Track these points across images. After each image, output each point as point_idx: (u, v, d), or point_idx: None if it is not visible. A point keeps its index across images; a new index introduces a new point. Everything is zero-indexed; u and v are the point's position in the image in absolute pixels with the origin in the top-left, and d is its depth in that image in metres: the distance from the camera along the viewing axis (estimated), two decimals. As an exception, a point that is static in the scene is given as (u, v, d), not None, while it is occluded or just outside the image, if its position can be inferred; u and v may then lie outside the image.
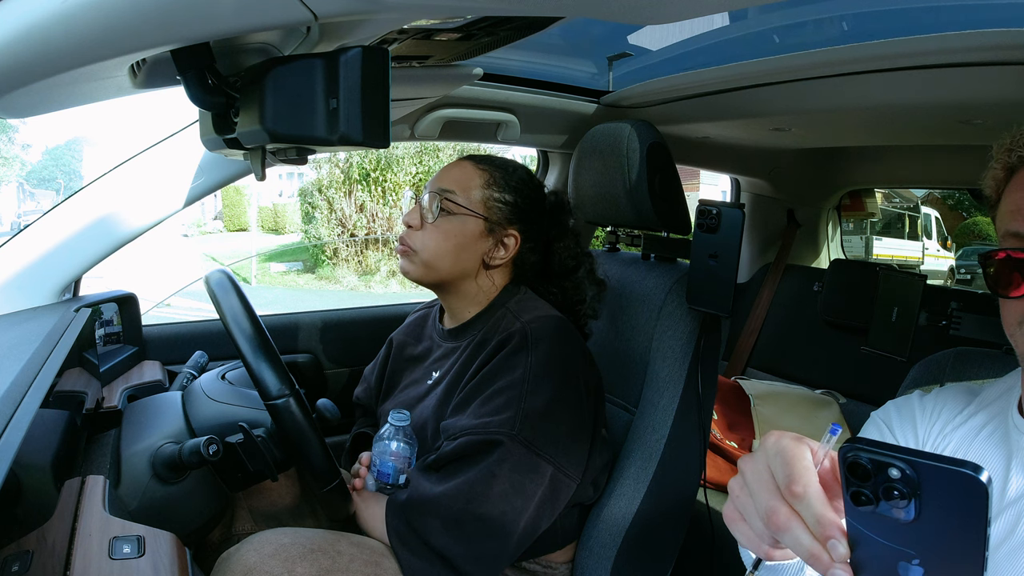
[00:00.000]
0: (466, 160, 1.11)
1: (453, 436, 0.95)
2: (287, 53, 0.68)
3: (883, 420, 0.78)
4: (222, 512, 0.99)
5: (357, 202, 9.93)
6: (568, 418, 0.98)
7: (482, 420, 0.93)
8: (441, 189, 1.07)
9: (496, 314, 1.07)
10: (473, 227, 1.06)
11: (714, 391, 1.21)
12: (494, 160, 1.12)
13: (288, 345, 1.55)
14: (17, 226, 12.77)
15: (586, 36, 1.51)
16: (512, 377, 0.96)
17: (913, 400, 0.78)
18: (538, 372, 0.95)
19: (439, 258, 1.06)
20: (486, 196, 1.07)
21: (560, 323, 1.04)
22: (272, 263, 10.97)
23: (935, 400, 0.76)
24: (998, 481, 0.66)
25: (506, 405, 0.93)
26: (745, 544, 0.47)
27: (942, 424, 0.73)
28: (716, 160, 2.02)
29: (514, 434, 0.92)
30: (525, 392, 0.94)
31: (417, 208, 1.08)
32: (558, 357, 0.98)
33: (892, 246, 8.99)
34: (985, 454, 0.67)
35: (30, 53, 0.55)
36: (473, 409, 0.96)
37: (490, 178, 1.08)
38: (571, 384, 0.98)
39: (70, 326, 0.95)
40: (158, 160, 1.19)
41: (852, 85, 1.12)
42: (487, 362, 0.99)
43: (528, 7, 0.60)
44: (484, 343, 1.03)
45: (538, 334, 0.99)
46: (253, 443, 0.93)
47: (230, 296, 0.92)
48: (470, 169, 1.09)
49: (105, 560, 0.68)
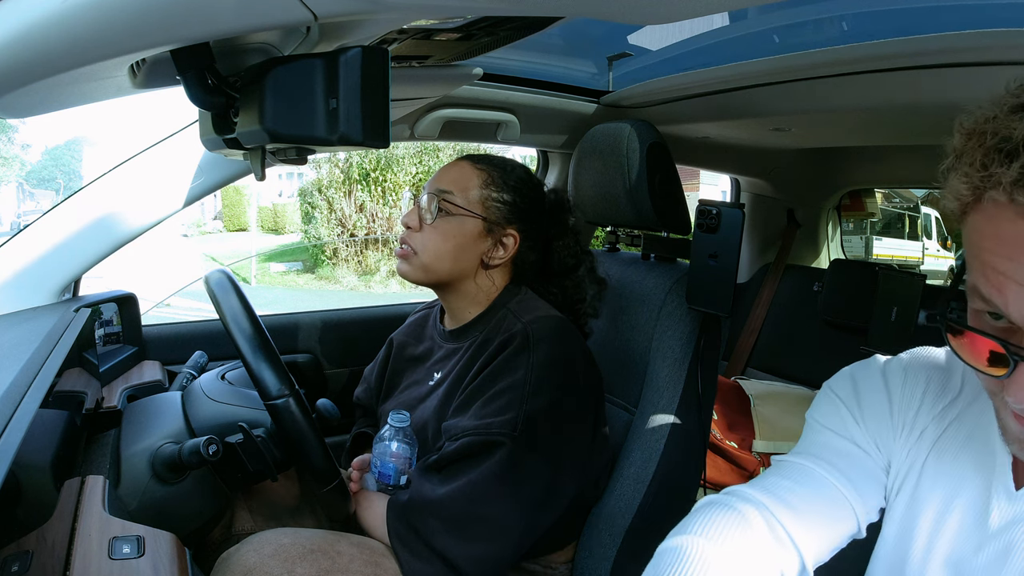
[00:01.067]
0: (464, 160, 1.11)
1: (455, 437, 0.95)
2: (287, 53, 0.68)
3: (837, 393, 0.68)
4: (222, 512, 0.99)
5: (357, 202, 9.93)
6: (569, 419, 0.97)
7: (484, 421, 0.93)
8: (439, 190, 1.07)
9: (497, 315, 1.07)
10: (472, 227, 1.06)
11: (714, 391, 1.21)
12: (492, 159, 1.12)
13: (288, 345, 1.55)
14: (17, 226, 12.77)
15: (586, 36, 1.51)
16: (514, 378, 0.95)
17: (875, 369, 0.68)
18: (540, 373, 0.95)
19: (438, 259, 1.06)
20: (484, 196, 1.07)
21: (561, 323, 1.03)
22: (272, 263, 10.97)
23: (905, 375, 0.65)
24: (977, 509, 0.59)
25: (508, 406, 0.93)
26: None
27: (916, 408, 0.64)
28: (716, 160, 2.02)
29: (516, 435, 0.92)
30: (527, 393, 0.94)
31: (415, 209, 1.07)
32: (559, 358, 0.98)
33: (892, 246, 8.98)
34: (963, 477, 0.60)
35: (30, 53, 0.55)
36: (475, 410, 0.96)
37: (488, 177, 1.08)
38: (572, 385, 0.98)
39: (70, 326, 0.95)
40: (158, 160, 1.19)
41: (852, 85, 1.12)
42: (488, 363, 0.99)
43: (528, 7, 0.60)
44: (486, 344, 1.03)
45: (539, 335, 0.99)
46: (253, 443, 0.93)
47: (230, 296, 0.92)
48: (468, 169, 1.09)
49: (105, 560, 0.68)
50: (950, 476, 0.61)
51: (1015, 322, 0.46)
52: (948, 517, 0.60)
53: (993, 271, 0.46)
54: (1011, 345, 0.47)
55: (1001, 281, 0.46)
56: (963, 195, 0.48)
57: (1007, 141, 0.44)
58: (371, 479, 1.05)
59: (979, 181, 0.46)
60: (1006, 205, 0.45)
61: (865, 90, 1.13)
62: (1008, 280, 0.45)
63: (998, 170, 0.44)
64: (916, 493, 0.63)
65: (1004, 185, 0.44)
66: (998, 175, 0.44)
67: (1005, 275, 0.45)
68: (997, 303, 0.46)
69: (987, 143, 0.46)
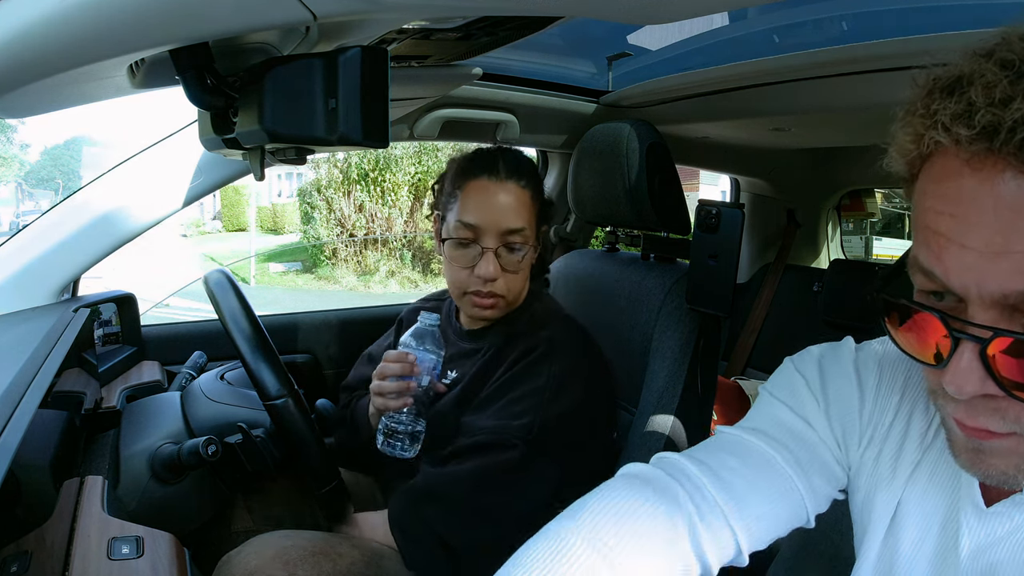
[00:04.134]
0: (511, 183, 1.00)
1: (469, 434, 0.96)
2: (286, 53, 0.67)
3: (801, 372, 0.61)
4: (221, 513, 1.00)
5: (356, 202, 9.93)
6: (584, 428, 0.98)
7: (500, 422, 0.94)
8: (515, 231, 0.99)
9: (521, 318, 1.06)
10: (534, 248, 1.04)
11: (714, 391, 1.21)
12: (523, 167, 1.03)
13: (287, 345, 1.55)
14: (16, 226, 12.75)
15: (585, 36, 1.51)
16: (535, 384, 0.96)
17: (846, 359, 0.60)
18: (560, 382, 0.96)
19: (520, 292, 1.04)
20: (537, 212, 1.03)
21: (582, 332, 1.04)
22: (271, 263, 10.97)
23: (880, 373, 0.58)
24: (947, 536, 0.51)
25: (525, 411, 0.94)
26: None
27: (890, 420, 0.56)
28: (716, 160, 2.02)
29: (530, 439, 0.92)
30: (545, 400, 0.94)
31: (496, 262, 0.99)
32: (581, 368, 0.98)
33: (892, 246, 8.96)
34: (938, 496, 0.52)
35: (28, 53, 0.55)
36: (493, 412, 0.96)
37: (534, 193, 1.02)
38: (590, 395, 0.99)
39: (69, 326, 0.95)
40: (157, 160, 1.19)
41: (852, 85, 1.12)
42: (510, 368, 0.99)
43: (528, 7, 0.60)
44: (508, 348, 1.02)
45: (563, 344, 0.99)
46: (252, 443, 0.93)
47: (229, 296, 0.92)
48: (523, 196, 1.01)
49: (104, 561, 0.68)
50: (925, 496, 0.53)
51: (955, 291, 0.40)
52: (924, 546, 0.53)
53: (934, 234, 0.40)
54: (951, 318, 0.40)
55: (941, 244, 0.39)
56: (907, 148, 0.43)
57: (951, 79, 0.39)
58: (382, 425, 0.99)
59: (921, 126, 0.41)
60: (951, 156, 0.39)
61: (865, 90, 1.13)
62: (949, 243, 0.39)
63: (939, 106, 0.39)
64: (893, 524, 0.55)
65: (944, 122, 0.38)
66: (939, 112, 0.39)
67: (946, 236, 0.39)
68: (937, 271, 0.40)
69: (932, 87, 0.40)
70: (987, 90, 0.36)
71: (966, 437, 0.43)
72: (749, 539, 0.54)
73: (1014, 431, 0.41)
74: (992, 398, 0.40)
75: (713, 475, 0.55)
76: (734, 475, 0.55)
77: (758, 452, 0.57)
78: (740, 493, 0.54)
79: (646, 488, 0.54)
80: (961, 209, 0.38)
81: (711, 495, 0.54)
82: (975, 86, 0.37)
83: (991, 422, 0.41)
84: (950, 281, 0.40)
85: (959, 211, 0.38)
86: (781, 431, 0.58)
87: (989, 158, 0.37)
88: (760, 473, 0.56)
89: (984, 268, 0.37)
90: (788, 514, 0.56)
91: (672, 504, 0.53)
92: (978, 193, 0.37)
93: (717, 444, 0.59)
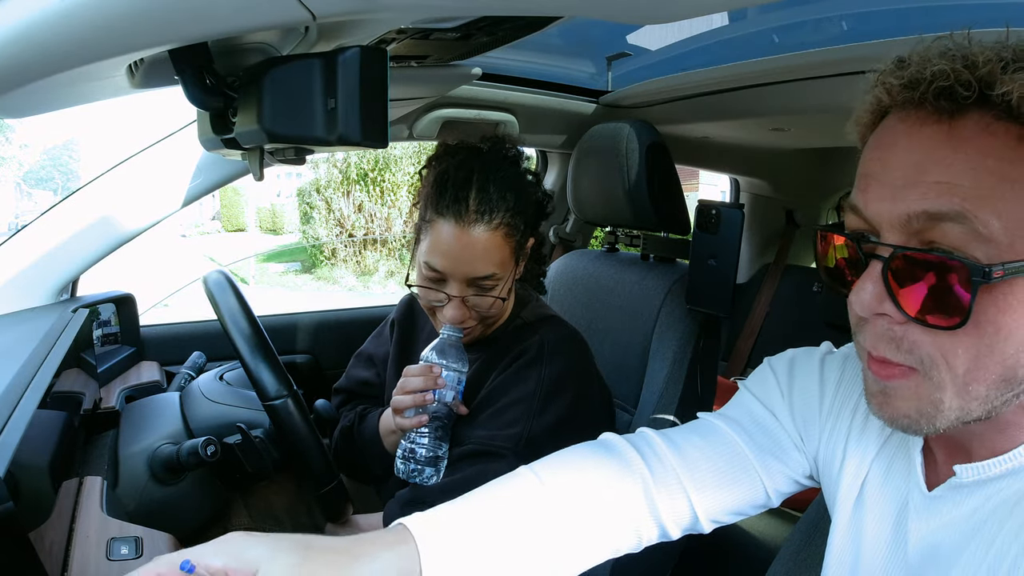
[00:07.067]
0: (479, 227, 0.90)
1: (461, 443, 0.95)
2: (285, 53, 0.67)
3: (773, 368, 0.67)
4: (220, 513, 0.99)
5: (355, 202, 9.93)
6: (574, 436, 0.97)
7: (489, 432, 0.93)
8: (485, 276, 0.92)
9: (512, 323, 1.05)
10: (512, 274, 0.99)
11: (714, 391, 1.21)
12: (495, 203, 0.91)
13: (286, 346, 1.55)
14: (15, 226, 12.73)
15: (585, 36, 1.51)
16: (525, 390, 0.94)
17: (815, 358, 0.65)
18: (550, 388, 0.94)
19: (501, 313, 1.01)
20: (514, 247, 0.96)
21: (574, 337, 1.03)
22: (270, 263, 10.96)
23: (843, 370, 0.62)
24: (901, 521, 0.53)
25: (514, 420, 0.93)
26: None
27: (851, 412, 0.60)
28: (716, 160, 2.02)
29: (518, 450, 0.91)
30: (535, 409, 0.93)
31: (461, 307, 0.94)
32: (572, 374, 0.97)
33: (891, 246, 8.98)
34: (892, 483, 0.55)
35: (27, 53, 0.54)
36: (482, 420, 0.95)
37: (511, 227, 0.93)
38: (582, 400, 0.98)
39: (68, 326, 0.95)
40: (156, 160, 1.19)
41: (852, 85, 1.11)
42: (500, 373, 0.98)
43: (528, 7, 0.60)
44: (500, 354, 1.01)
45: (554, 349, 0.98)
46: (251, 444, 0.93)
47: (228, 296, 0.92)
48: (494, 238, 0.92)
49: (103, 561, 0.68)
50: (884, 483, 0.56)
51: (871, 220, 0.45)
52: (882, 531, 0.55)
53: (863, 176, 0.45)
54: (864, 241, 0.45)
55: (867, 183, 0.45)
56: (860, 116, 0.49)
57: (901, 58, 0.45)
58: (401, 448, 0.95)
59: (872, 97, 0.46)
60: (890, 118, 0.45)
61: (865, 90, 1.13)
62: (872, 180, 0.44)
63: (887, 76, 0.45)
64: (856, 511, 0.58)
65: (886, 82, 0.44)
66: (884, 73, 0.45)
67: (872, 176, 0.45)
68: (859, 204, 0.45)
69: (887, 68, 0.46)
70: (921, 60, 0.43)
71: (874, 379, 0.47)
72: (705, 505, 0.61)
73: (912, 365, 0.44)
74: (890, 324, 0.44)
75: (675, 447, 0.63)
76: (696, 449, 0.63)
77: (722, 434, 0.64)
78: (696, 462, 0.62)
79: (602, 448, 0.63)
80: (886, 153, 0.44)
81: (670, 462, 0.62)
82: (914, 58, 0.44)
83: (888, 350, 0.45)
84: (868, 210, 0.45)
85: (885, 154, 0.44)
86: (748, 419, 0.65)
87: (912, 110, 0.43)
88: (719, 450, 0.63)
89: (895, 196, 0.43)
90: (745, 489, 0.62)
91: (623, 462, 0.61)
92: (901, 136, 0.43)
93: (690, 427, 0.67)
